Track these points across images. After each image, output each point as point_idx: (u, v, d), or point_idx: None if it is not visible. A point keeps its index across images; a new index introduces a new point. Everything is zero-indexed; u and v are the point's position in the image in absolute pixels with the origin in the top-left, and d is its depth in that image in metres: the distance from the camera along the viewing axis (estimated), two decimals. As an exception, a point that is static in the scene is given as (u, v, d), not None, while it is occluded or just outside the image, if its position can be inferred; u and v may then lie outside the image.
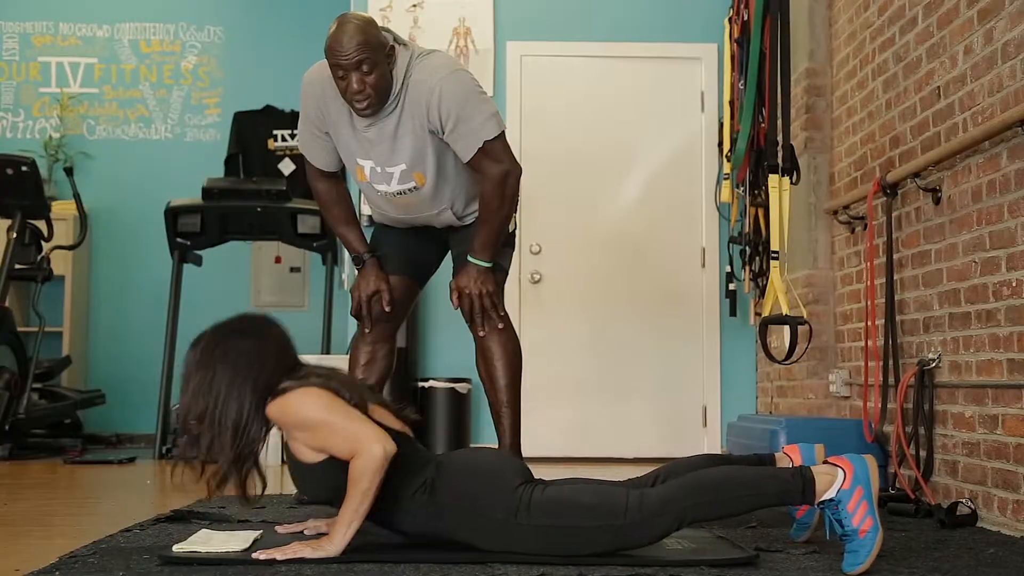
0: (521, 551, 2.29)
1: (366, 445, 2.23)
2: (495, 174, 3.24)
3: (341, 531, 2.25)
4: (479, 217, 3.33)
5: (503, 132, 3.25)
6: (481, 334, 3.40)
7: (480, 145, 3.20)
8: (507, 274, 3.48)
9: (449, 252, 3.57)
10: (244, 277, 6.44)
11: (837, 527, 2.20)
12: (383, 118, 3.21)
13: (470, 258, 3.33)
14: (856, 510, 2.18)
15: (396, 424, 2.43)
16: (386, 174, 3.30)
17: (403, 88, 3.18)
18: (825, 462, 2.29)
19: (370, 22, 3.13)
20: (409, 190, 3.32)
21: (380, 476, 2.24)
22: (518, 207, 3.44)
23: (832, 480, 2.21)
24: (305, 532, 2.55)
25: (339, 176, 3.48)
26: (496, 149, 3.23)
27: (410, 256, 3.50)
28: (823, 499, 2.22)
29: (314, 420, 2.28)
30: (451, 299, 3.39)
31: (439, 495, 2.33)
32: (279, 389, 2.30)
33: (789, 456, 2.51)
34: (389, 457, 2.24)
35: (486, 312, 3.36)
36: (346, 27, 3.08)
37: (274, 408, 2.29)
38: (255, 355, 2.32)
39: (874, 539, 2.17)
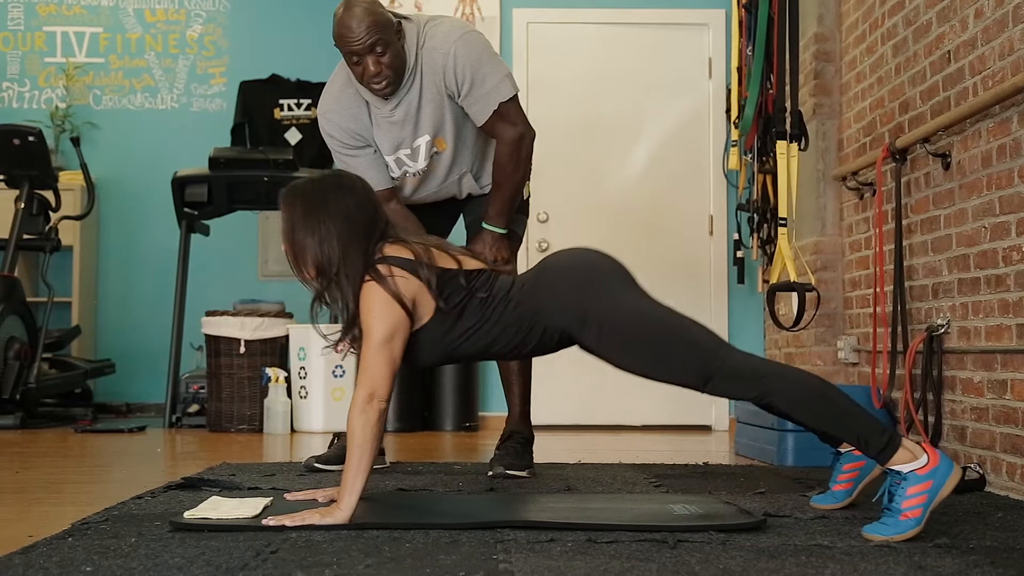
0: (606, 349, 2.43)
1: (362, 385, 2.31)
2: (510, 137, 3.23)
3: (346, 495, 2.27)
4: (493, 182, 3.32)
5: (517, 94, 3.24)
6: None
7: (495, 107, 3.19)
8: (521, 242, 3.47)
9: (461, 219, 3.55)
10: (252, 247, 6.44)
11: (886, 498, 2.22)
12: (405, 94, 3.20)
13: (485, 225, 3.32)
14: (913, 497, 2.19)
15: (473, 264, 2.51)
16: (414, 152, 3.29)
17: (418, 59, 3.17)
18: (920, 444, 2.28)
19: (374, 2, 3.11)
20: (434, 155, 3.31)
21: (369, 428, 2.28)
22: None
23: (913, 459, 2.21)
24: (320, 500, 2.56)
25: (395, 191, 3.38)
26: (511, 111, 3.23)
27: (421, 225, 3.49)
28: (893, 468, 2.22)
29: (366, 324, 2.34)
30: None
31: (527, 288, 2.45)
32: (375, 268, 2.36)
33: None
34: (374, 403, 2.29)
35: None
36: (353, 11, 3.06)
37: (366, 288, 2.37)
38: (359, 213, 2.41)
39: (908, 528, 2.18)
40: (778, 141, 4.10)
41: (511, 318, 2.46)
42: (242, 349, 5.31)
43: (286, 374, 5.28)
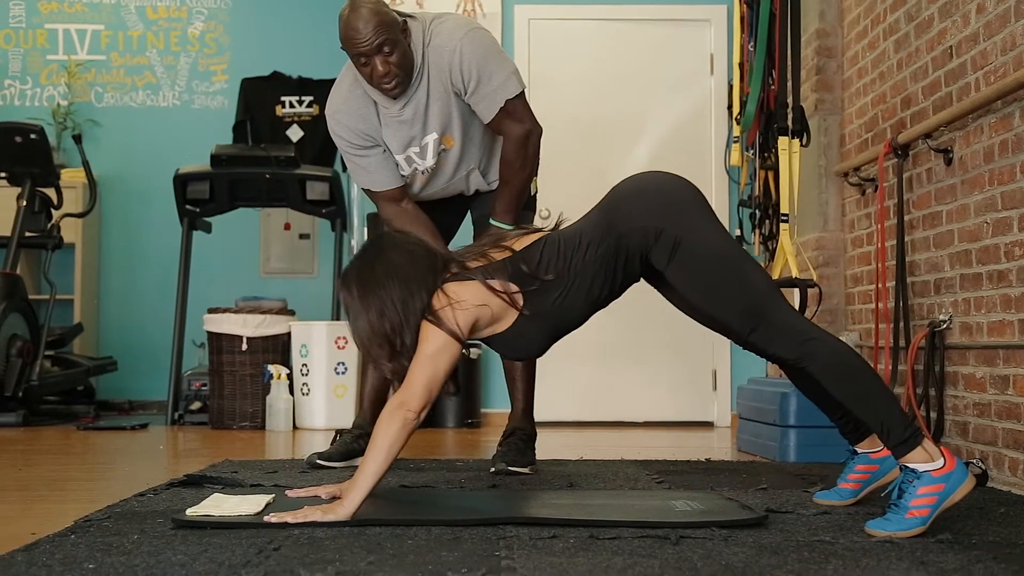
0: (673, 272, 2.37)
1: (399, 392, 2.30)
2: (517, 134, 3.23)
3: (352, 492, 2.27)
4: (501, 178, 3.32)
5: (523, 91, 3.24)
6: None
7: (502, 104, 3.19)
8: None
9: (469, 215, 3.55)
10: (254, 244, 6.44)
11: (895, 494, 2.21)
12: (413, 93, 3.20)
13: (492, 221, 3.32)
14: (923, 497, 2.18)
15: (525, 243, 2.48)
16: (423, 150, 3.29)
17: (424, 57, 3.17)
18: (939, 448, 2.27)
19: (379, 2, 3.11)
20: (441, 152, 3.31)
21: (390, 434, 2.27)
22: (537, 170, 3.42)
23: (929, 460, 2.21)
24: (323, 496, 2.56)
25: (406, 190, 3.38)
26: (517, 108, 3.22)
27: (433, 225, 3.48)
28: (908, 466, 2.21)
29: (419, 341, 2.34)
30: None
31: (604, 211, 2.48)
32: (430, 306, 2.34)
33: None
34: (401, 411, 2.28)
35: None
36: (359, 11, 3.05)
37: (423, 326, 2.35)
38: (410, 262, 2.38)
39: (912, 526, 2.18)
40: (780, 137, 4.09)
41: (594, 264, 2.43)
42: (244, 346, 5.32)
43: (288, 371, 5.28)
